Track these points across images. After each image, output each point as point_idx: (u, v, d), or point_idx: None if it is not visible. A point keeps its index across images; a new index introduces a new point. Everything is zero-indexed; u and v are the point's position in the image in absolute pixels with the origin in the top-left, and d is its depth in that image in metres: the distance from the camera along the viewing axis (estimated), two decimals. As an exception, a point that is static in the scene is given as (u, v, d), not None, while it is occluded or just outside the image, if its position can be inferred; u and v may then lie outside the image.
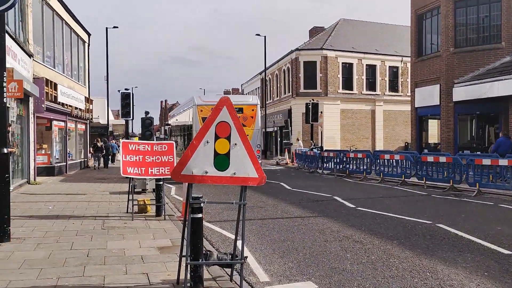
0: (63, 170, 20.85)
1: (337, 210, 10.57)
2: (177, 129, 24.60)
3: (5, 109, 7.09)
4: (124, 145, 9.67)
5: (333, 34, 40.31)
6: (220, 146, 5.10)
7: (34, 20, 16.89)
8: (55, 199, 12.13)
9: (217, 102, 5.15)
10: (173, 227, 8.58)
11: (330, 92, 37.33)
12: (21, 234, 7.58)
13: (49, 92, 17.48)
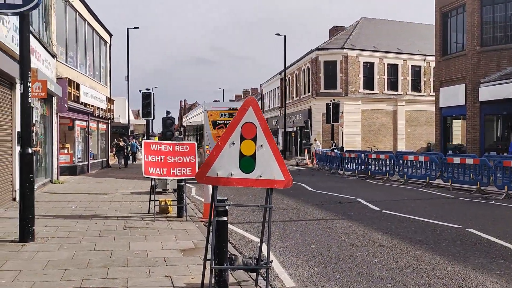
0: (85, 169, 21.06)
1: (361, 212, 10.33)
2: (190, 130, 26.80)
3: (30, 109, 7.11)
4: (146, 145, 9.63)
5: (354, 33, 39.81)
6: (246, 148, 4.97)
7: (57, 21, 17.07)
8: (77, 199, 12.20)
9: (243, 103, 5.03)
10: (195, 228, 8.49)
11: (351, 92, 36.87)
12: (44, 234, 7.59)
13: (72, 92, 17.66)
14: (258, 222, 9.31)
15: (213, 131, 19.48)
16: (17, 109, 11.01)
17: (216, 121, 19.47)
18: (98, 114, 22.51)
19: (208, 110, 19.79)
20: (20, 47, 7.00)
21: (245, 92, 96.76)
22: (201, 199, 12.88)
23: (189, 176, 9.65)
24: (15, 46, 9.97)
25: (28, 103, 7.01)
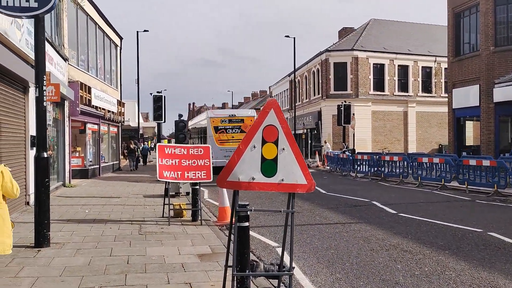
0: (97, 172, 21.07)
1: (378, 216, 10.15)
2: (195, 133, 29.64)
3: (45, 113, 7.05)
4: (160, 148, 9.54)
5: (363, 35, 39.57)
6: (268, 151, 4.84)
7: (69, 24, 17.11)
8: (90, 203, 12.15)
9: (265, 104, 4.90)
10: (211, 233, 8.37)
11: (361, 93, 36.62)
12: (60, 239, 7.52)
13: (83, 96, 17.67)
14: (274, 226, 9.19)
15: (214, 135, 21.72)
16: (31, 112, 11.00)
17: (217, 126, 21.74)
18: (109, 117, 22.53)
19: (211, 117, 22.31)
20: (35, 51, 6.95)
21: (253, 94, 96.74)
22: (215, 202, 12.78)
23: (204, 179, 9.55)
24: (28, 50, 9.96)
25: (44, 107, 6.95)
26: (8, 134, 9.35)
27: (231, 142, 20.90)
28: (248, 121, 22.41)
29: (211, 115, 22.72)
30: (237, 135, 21.25)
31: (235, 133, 21.39)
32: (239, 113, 23.29)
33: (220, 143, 20.14)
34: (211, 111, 23.91)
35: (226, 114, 22.59)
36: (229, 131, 21.41)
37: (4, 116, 9.00)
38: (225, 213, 9.65)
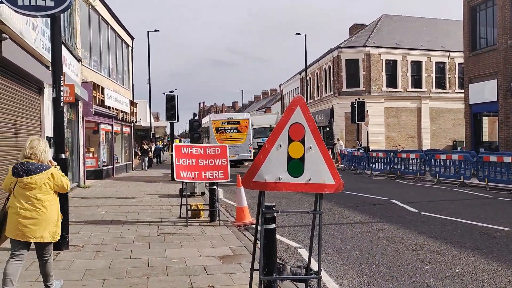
0: (110, 173, 21.07)
1: (399, 215, 9.92)
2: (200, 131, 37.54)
3: (63, 113, 6.95)
4: (177, 148, 9.42)
5: (375, 31, 39.15)
6: (294, 150, 4.67)
7: (81, 25, 17.09)
8: (106, 203, 12.08)
9: (291, 102, 4.72)
10: (230, 233, 8.23)
11: (374, 90, 36.23)
12: (79, 241, 7.43)
13: (96, 96, 17.65)
14: (293, 226, 9.01)
15: (216, 134, 26.53)
16: (45, 113, 10.96)
17: (218, 128, 26.77)
18: (122, 117, 22.51)
19: (213, 119, 27.54)
20: (52, 50, 6.85)
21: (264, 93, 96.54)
22: (231, 202, 12.65)
23: (221, 179, 9.41)
24: (43, 51, 9.90)
25: (61, 107, 6.86)
26: (25, 135, 9.29)
27: (230, 140, 25.11)
28: (244, 122, 27.37)
29: (213, 118, 27.90)
30: (234, 135, 26.29)
31: (233, 132, 26.33)
32: (236, 116, 29.11)
33: (221, 141, 23.19)
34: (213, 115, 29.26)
35: (225, 117, 28.35)
36: (227, 131, 26.13)
37: (20, 118, 8.94)
38: (243, 213, 9.51)
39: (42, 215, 4.55)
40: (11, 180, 4.60)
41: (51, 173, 4.67)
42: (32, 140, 4.74)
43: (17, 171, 4.57)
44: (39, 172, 4.58)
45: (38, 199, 4.55)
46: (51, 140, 11.31)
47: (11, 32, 7.53)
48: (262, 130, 37.10)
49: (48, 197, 4.63)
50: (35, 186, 4.55)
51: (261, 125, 37.71)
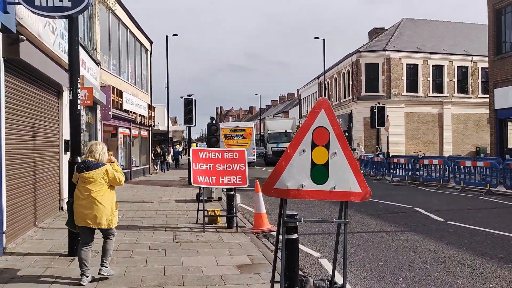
0: (128, 177, 21.03)
1: (424, 224, 9.52)
2: None
3: (79, 116, 6.82)
4: (194, 152, 9.23)
5: (396, 35, 38.58)
6: (318, 155, 4.40)
7: (101, 29, 17.14)
8: (123, 207, 11.96)
9: (315, 105, 4.46)
10: (248, 241, 7.97)
11: (394, 95, 35.64)
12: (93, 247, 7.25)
13: (115, 100, 17.65)
14: (313, 234, 8.71)
15: (224, 140, 29.99)
16: (64, 117, 10.90)
17: (226, 134, 30.58)
18: (140, 121, 22.52)
19: (222, 127, 30.82)
20: (69, 52, 6.74)
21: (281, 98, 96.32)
22: (248, 208, 12.41)
23: (239, 184, 9.18)
24: (62, 53, 9.85)
25: (78, 110, 6.73)
26: (43, 139, 9.24)
27: (236, 145, 28.27)
28: (248, 130, 31.81)
29: (222, 126, 32.04)
30: (240, 140, 29.89)
31: (239, 139, 30.09)
32: (242, 125, 33.74)
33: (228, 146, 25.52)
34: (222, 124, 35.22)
35: (232, 126, 33.16)
36: (234, 138, 29.94)
37: (39, 121, 8.88)
38: (261, 220, 9.25)
39: (97, 205, 5.43)
40: (76, 176, 5.59)
41: (106, 169, 5.54)
42: (92, 145, 5.71)
43: (79, 168, 5.55)
44: (96, 168, 5.48)
45: (95, 192, 5.42)
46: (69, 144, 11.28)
47: (29, 34, 7.47)
48: (277, 135, 37.27)
49: (103, 190, 5.50)
50: (92, 180, 5.45)
51: (276, 130, 37.81)
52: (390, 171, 20.77)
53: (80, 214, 5.44)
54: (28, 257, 6.53)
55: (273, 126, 39.15)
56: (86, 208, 5.40)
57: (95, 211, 5.41)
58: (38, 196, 8.79)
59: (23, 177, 7.93)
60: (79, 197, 5.45)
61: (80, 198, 5.44)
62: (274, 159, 33.33)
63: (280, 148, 36.05)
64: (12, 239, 7.24)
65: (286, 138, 36.44)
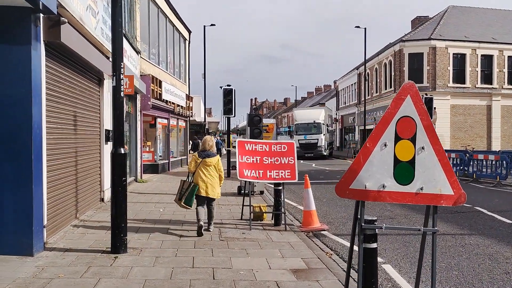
0: (166, 167, 20.84)
1: (491, 226, 8.62)
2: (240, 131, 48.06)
3: (122, 104, 6.37)
4: (240, 144, 8.66)
5: (441, 23, 36.70)
6: (402, 150, 3.72)
7: (141, 17, 16.82)
8: (163, 200, 11.60)
9: (399, 90, 3.77)
10: (299, 241, 7.36)
11: (439, 86, 33.97)
12: (137, 243, 6.85)
13: (154, 89, 17.35)
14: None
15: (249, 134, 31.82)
16: (105, 105, 10.59)
17: None
18: (178, 111, 22.25)
19: None
20: (113, 36, 6.28)
21: (317, 89, 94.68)
22: (292, 203, 11.80)
23: (288, 179, 8.55)
24: (103, 39, 9.48)
25: (121, 98, 6.27)
26: (85, 128, 8.92)
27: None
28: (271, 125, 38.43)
29: None
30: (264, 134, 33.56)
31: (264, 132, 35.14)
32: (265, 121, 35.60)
33: None
34: None
35: None
36: None
37: (80, 109, 8.55)
38: (310, 218, 8.61)
39: (213, 182, 7.64)
40: (197, 160, 7.65)
41: (218, 159, 7.81)
42: (209, 139, 7.90)
43: (202, 155, 7.68)
44: (213, 157, 7.73)
45: (211, 172, 7.63)
46: (110, 133, 10.98)
47: (70, 17, 7.07)
48: (305, 126, 35.05)
49: (215, 172, 7.72)
50: (210, 164, 7.64)
51: (304, 120, 35.50)
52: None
53: (202, 187, 7.54)
54: (69, 254, 6.16)
55: (301, 116, 36.61)
56: (206, 183, 7.56)
57: (212, 185, 7.61)
58: (79, 187, 8.47)
59: (64, 168, 7.60)
60: (202, 177, 7.56)
61: (202, 176, 7.56)
62: (302, 152, 31.30)
63: (308, 140, 33.90)
64: (53, 232, 6.92)
65: (315, 130, 34.47)
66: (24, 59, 5.87)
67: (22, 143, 5.88)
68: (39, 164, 6.16)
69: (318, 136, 34.19)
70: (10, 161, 5.84)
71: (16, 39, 5.86)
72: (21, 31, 5.87)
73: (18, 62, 5.86)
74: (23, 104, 5.87)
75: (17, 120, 5.86)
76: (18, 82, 5.86)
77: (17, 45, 5.85)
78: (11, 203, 5.84)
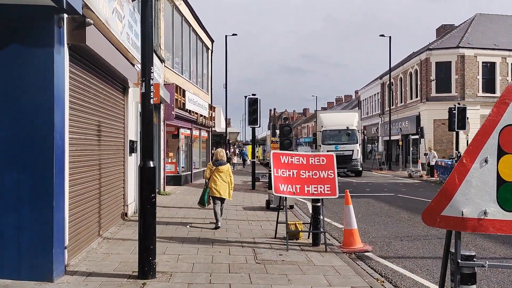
0: (189, 179, 20.27)
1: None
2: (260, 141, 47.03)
3: (151, 112, 5.77)
4: (275, 156, 7.98)
5: (469, 31, 35.58)
6: (507, 168, 2.97)
7: (165, 25, 16.42)
8: (189, 215, 10.97)
9: (503, 93, 3.03)
10: (343, 265, 6.60)
11: (468, 95, 32.79)
12: (166, 266, 6.19)
13: (178, 99, 16.86)
14: (420, 257, 7.20)
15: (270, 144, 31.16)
16: (129, 115, 10.07)
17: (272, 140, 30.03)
18: (201, 122, 21.73)
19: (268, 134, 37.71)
20: (142, 37, 5.71)
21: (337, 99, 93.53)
22: (327, 219, 11.01)
23: (327, 195, 7.82)
24: (129, 45, 8.97)
25: (151, 105, 5.67)
26: (109, 139, 8.37)
27: None
28: None
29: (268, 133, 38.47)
30: None
31: None
32: None
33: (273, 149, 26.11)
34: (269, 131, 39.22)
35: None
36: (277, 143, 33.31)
37: (105, 119, 8.01)
38: (352, 237, 7.84)
39: (224, 185, 9.27)
40: (211, 168, 9.30)
41: (228, 167, 9.48)
42: (220, 151, 9.68)
43: (215, 164, 9.31)
44: (224, 165, 9.34)
45: (223, 177, 9.27)
46: (134, 144, 10.45)
47: (96, 19, 6.55)
48: (335, 133, 27.63)
49: (227, 177, 9.35)
50: (222, 171, 9.28)
51: (334, 126, 27.85)
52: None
53: (216, 189, 9.20)
54: (92, 279, 5.53)
55: (330, 121, 28.76)
56: (219, 186, 9.21)
57: (223, 188, 9.27)
58: (102, 202, 7.90)
59: (87, 182, 7.03)
60: (215, 181, 9.22)
61: (216, 181, 9.21)
62: None
63: (340, 152, 25.34)
64: (74, 253, 6.32)
65: (348, 138, 27.34)
66: (46, 63, 5.33)
67: (43, 155, 5.31)
68: (61, 178, 5.58)
69: (353, 147, 26.97)
70: (29, 175, 5.28)
71: (38, 41, 5.33)
72: (43, 32, 5.34)
73: (40, 66, 5.32)
74: (44, 112, 5.32)
75: (38, 130, 5.30)
76: (40, 88, 5.31)
77: (38, 48, 5.32)
78: (30, 222, 5.26)
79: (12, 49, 5.31)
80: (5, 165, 5.27)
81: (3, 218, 5.24)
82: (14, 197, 5.26)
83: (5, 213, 5.25)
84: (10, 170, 5.26)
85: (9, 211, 5.25)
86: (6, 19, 5.32)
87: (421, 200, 14.41)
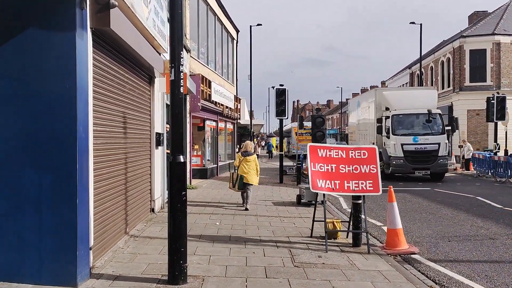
0: (215, 172, 19.86)
1: None
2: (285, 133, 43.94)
3: (182, 101, 5.28)
4: (312, 150, 7.39)
5: (504, 17, 33.94)
6: None
7: (190, 14, 15.93)
8: (218, 211, 10.50)
9: None
10: (390, 269, 6.00)
11: (504, 85, 31.30)
12: (197, 269, 5.70)
13: (204, 90, 16.39)
14: (475, 261, 6.52)
15: (295, 136, 33.72)
16: (155, 106, 9.63)
17: (296, 132, 31.01)
18: (226, 113, 21.25)
19: (293, 126, 37.37)
20: (171, 19, 5.25)
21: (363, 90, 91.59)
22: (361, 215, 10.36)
23: (369, 192, 7.20)
24: (155, 32, 8.50)
25: (181, 94, 5.20)
26: (135, 131, 7.94)
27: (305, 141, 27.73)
28: None
29: (294, 125, 38.16)
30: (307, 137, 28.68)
31: (306, 135, 29.72)
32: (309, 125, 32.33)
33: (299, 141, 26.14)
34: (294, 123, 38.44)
35: None
36: (303, 135, 30.58)
37: (130, 110, 7.56)
38: (397, 238, 7.20)
39: (252, 173, 10.74)
40: (240, 158, 10.84)
41: (255, 157, 11.02)
42: (249, 143, 11.15)
43: (244, 154, 10.82)
44: (251, 155, 10.84)
45: (251, 166, 10.75)
46: (161, 137, 10.02)
47: (121, 1, 6.07)
48: (412, 119, 19.10)
49: (254, 166, 10.83)
50: (250, 160, 10.78)
51: (408, 109, 19.14)
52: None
53: (245, 177, 10.62)
54: (119, 283, 5.09)
55: (400, 101, 19.70)
56: (247, 174, 10.62)
57: (251, 175, 10.67)
58: (129, 198, 7.47)
59: (113, 177, 6.60)
60: (243, 169, 10.67)
61: (244, 169, 10.65)
62: (408, 166, 18.36)
63: (422, 145, 18.42)
64: (100, 254, 5.90)
65: (432, 126, 18.92)
66: (68, 48, 4.87)
67: (65, 149, 4.87)
68: (85, 174, 5.14)
69: (439, 138, 18.82)
70: (51, 171, 4.84)
71: (58, 24, 4.86)
72: (65, 15, 4.87)
73: (61, 51, 4.86)
74: (66, 102, 4.86)
75: (59, 121, 4.86)
76: (61, 75, 4.86)
77: (59, 32, 4.86)
78: (52, 222, 4.83)
79: (30, 33, 4.86)
80: (23, 161, 4.85)
81: (23, 219, 4.83)
82: (34, 196, 4.84)
83: (25, 213, 4.84)
84: (29, 167, 4.84)
85: (29, 211, 4.84)
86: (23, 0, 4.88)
87: (462, 196, 13.54)
